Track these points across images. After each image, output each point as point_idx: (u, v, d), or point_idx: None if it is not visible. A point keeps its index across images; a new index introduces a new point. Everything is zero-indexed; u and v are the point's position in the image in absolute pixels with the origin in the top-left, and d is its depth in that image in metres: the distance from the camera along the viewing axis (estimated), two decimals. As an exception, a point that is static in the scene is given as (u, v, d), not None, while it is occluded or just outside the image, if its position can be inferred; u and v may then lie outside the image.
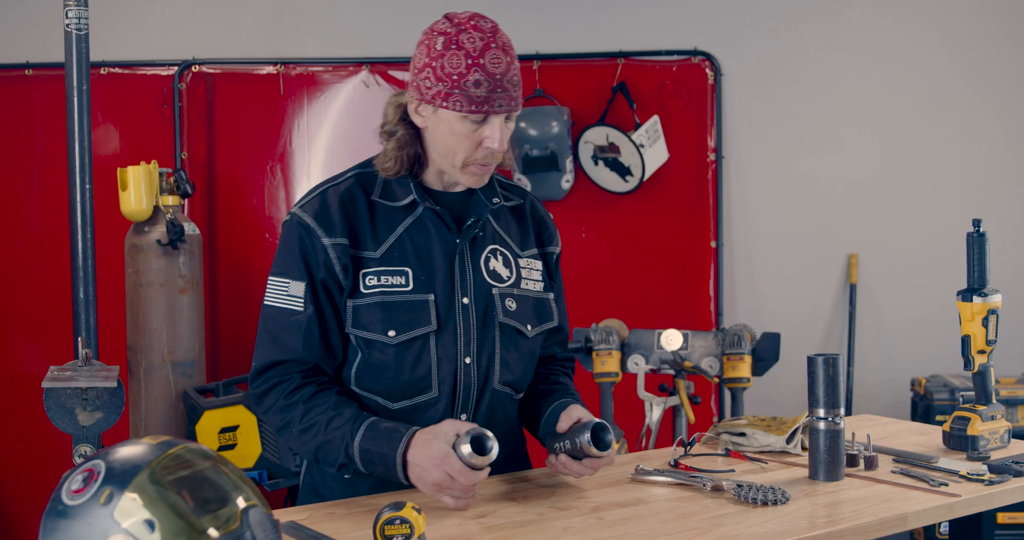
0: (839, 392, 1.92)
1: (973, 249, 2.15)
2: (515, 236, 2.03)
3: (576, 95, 4.38)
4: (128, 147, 4.33)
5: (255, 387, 1.91)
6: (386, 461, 1.79)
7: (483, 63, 1.82)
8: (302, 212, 1.91)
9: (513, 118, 1.90)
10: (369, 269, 1.89)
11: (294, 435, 1.87)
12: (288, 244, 1.92)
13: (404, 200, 1.93)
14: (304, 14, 4.45)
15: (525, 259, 2.02)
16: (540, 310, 2.02)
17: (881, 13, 4.50)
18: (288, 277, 1.91)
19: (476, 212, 1.96)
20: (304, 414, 1.85)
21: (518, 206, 2.06)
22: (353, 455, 1.81)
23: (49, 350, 4.19)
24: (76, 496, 1.25)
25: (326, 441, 1.83)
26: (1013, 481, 1.92)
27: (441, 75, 1.83)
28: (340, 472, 1.88)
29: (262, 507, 1.30)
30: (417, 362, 1.88)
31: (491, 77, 1.82)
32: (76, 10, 3.02)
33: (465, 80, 1.81)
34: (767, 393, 4.31)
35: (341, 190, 1.93)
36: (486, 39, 1.84)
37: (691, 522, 1.68)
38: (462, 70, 1.82)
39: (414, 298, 1.88)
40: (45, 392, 2.81)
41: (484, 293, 1.93)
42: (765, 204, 4.51)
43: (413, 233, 1.92)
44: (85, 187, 3.07)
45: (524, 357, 1.99)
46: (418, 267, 1.90)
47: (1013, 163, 4.54)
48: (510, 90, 1.85)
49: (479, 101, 1.82)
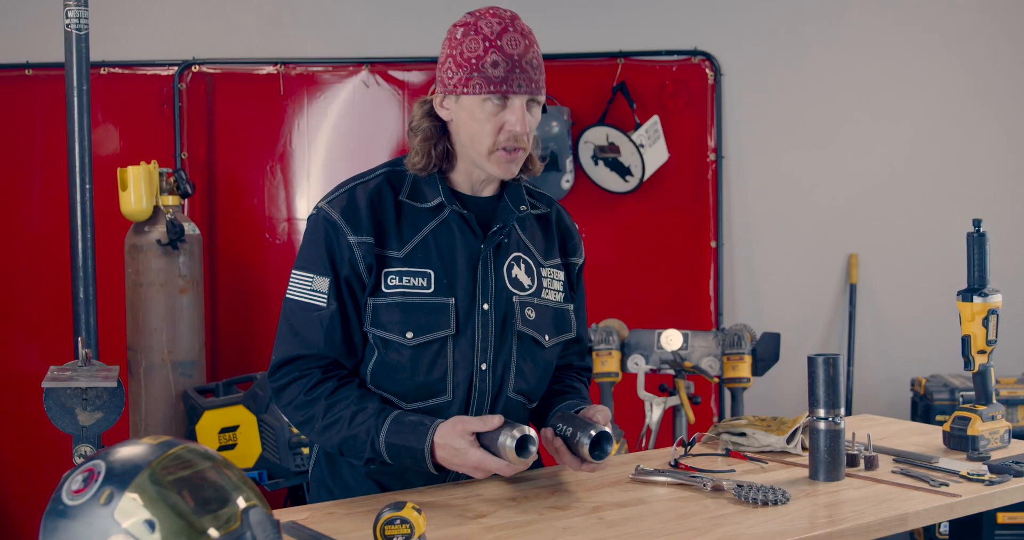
0: (839, 392, 1.92)
1: (973, 249, 2.15)
2: (539, 245, 2.02)
3: (576, 95, 4.38)
4: (128, 147, 4.33)
5: (275, 381, 1.91)
6: (414, 453, 1.82)
7: (500, 45, 1.83)
8: (330, 207, 1.91)
9: (538, 106, 1.90)
10: (392, 269, 1.88)
11: (316, 431, 1.88)
12: (314, 239, 1.91)
13: (432, 202, 1.92)
14: (304, 14, 4.45)
15: (548, 269, 2.01)
16: (559, 321, 2.01)
17: (881, 13, 4.50)
18: (312, 272, 1.90)
19: (502, 218, 1.95)
20: (327, 410, 1.86)
21: (544, 215, 2.06)
22: (380, 450, 1.83)
23: (49, 350, 4.19)
24: (76, 496, 1.25)
25: (351, 436, 1.84)
26: (1013, 481, 1.92)
27: (461, 61, 1.85)
28: (367, 465, 1.89)
29: (262, 507, 1.30)
30: (433, 365, 1.88)
31: (508, 58, 1.83)
32: (76, 10, 3.02)
33: (483, 62, 1.83)
34: (767, 393, 4.31)
35: (370, 188, 1.92)
36: (504, 23, 1.86)
37: (691, 522, 1.68)
38: (480, 53, 1.83)
39: (434, 301, 1.88)
40: (45, 392, 2.81)
41: (505, 300, 1.93)
42: (765, 204, 4.51)
43: (438, 235, 1.91)
44: (85, 187, 3.07)
45: (540, 367, 1.98)
46: (440, 270, 1.90)
47: (1013, 163, 4.53)
48: (530, 72, 1.85)
49: (497, 81, 1.83)
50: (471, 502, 1.81)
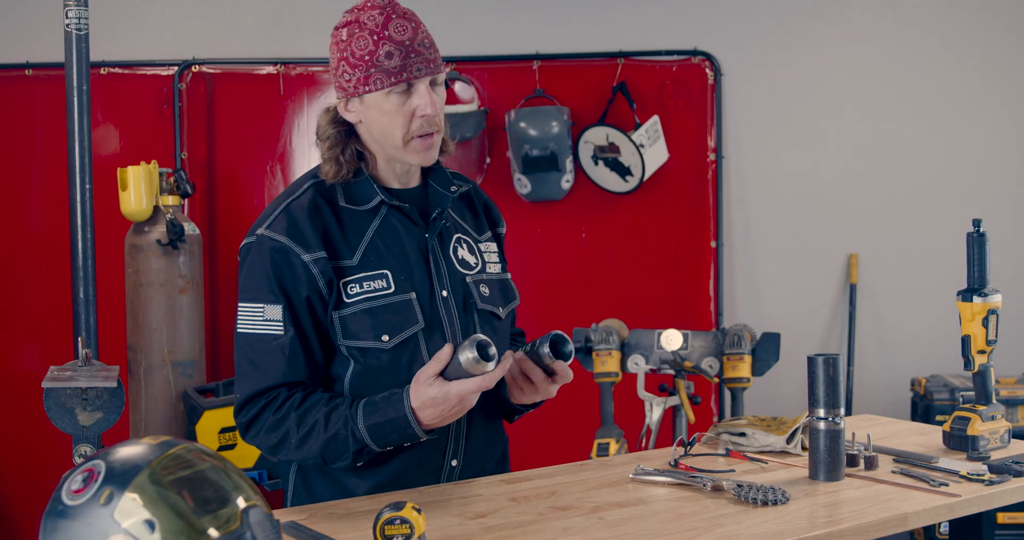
0: (839, 392, 1.92)
1: (973, 249, 2.15)
2: (470, 222, 2.06)
3: (576, 95, 4.38)
4: (128, 147, 4.33)
5: (243, 416, 1.86)
6: (398, 424, 1.79)
7: (388, 34, 1.83)
8: (272, 232, 1.86)
9: (441, 82, 1.89)
10: (349, 277, 1.86)
11: (294, 446, 1.82)
12: (258, 268, 1.86)
13: (370, 202, 1.91)
14: (304, 14, 4.45)
15: (483, 243, 2.05)
16: (505, 291, 2.05)
17: (881, 13, 4.50)
18: (262, 301, 1.85)
19: (438, 203, 1.97)
20: (299, 421, 1.82)
21: (466, 193, 2.09)
22: (363, 437, 1.79)
23: (49, 350, 4.19)
24: (76, 496, 1.25)
25: (330, 437, 1.80)
26: (1013, 481, 1.92)
27: (354, 61, 1.84)
28: (355, 462, 1.84)
29: (262, 507, 1.30)
30: (412, 361, 1.88)
31: (400, 45, 1.83)
32: (76, 10, 3.02)
33: (376, 56, 1.82)
34: (767, 393, 4.31)
35: (304, 203, 1.89)
36: (385, 13, 1.84)
37: (691, 522, 1.68)
38: (371, 48, 1.82)
39: (398, 299, 1.88)
40: (45, 392, 2.81)
41: (459, 283, 1.95)
42: (765, 204, 4.51)
43: (383, 234, 1.91)
44: (85, 187, 3.07)
45: (501, 339, 2.01)
46: (395, 268, 1.89)
47: (1013, 163, 4.53)
48: (424, 53, 1.85)
49: (396, 71, 1.82)
50: (471, 502, 1.81)
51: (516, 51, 4.42)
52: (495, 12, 4.44)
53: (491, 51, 4.43)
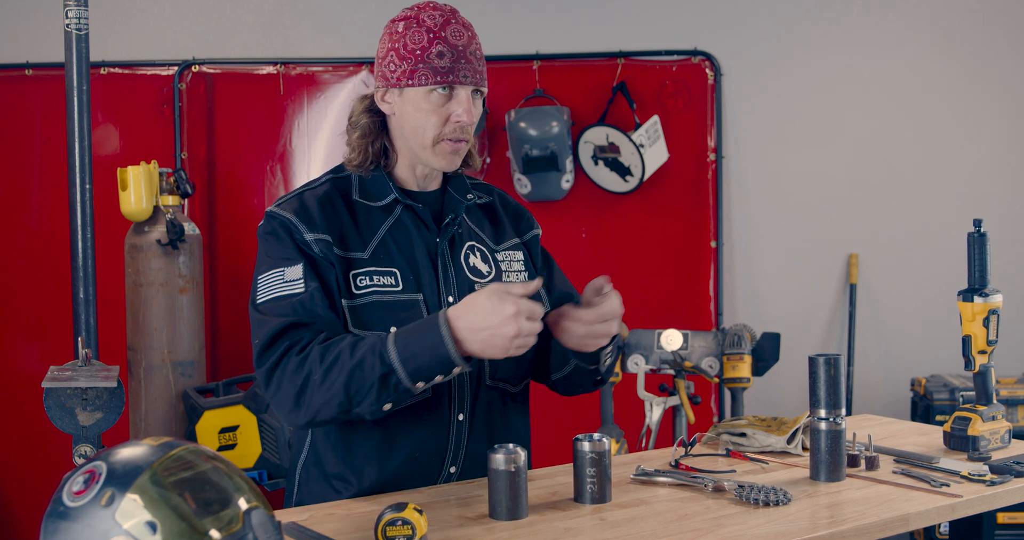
0: (840, 392, 1.92)
1: (973, 249, 2.15)
2: (488, 232, 2.04)
3: (576, 95, 4.38)
4: (128, 147, 4.33)
5: (264, 360, 1.77)
6: (431, 341, 1.67)
7: (444, 36, 1.84)
8: (281, 210, 1.88)
9: (481, 98, 1.91)
10: (360, 270, 1.87)
11: (317, 382, 1.72)
12: (271, 242, 1.87)
13: (384, 200, 1.93)
14: (304, 14, 4.45)
15: (503, 253, 2.03)
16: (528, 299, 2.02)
17: (881, 13, 4.50)
18: (281, 266, 1.83)
19: (452, 209, 1.97)
20: (323, 354, 1.72)
21: (487, 204, 2.08)
22: (391, 358, 1.68)
23: (49, 350, 4.19)
24: (77, 498, 1.25)
25: (356, 364, 1.70)
26: (1014, 481, 1.92)
27: (404, 53, 1.85)
28: (380, 403, 1.72)
29: (264, 508, 1.30)
30: None
31: (453, 48, 1.84)
32: (76, 10, 3.02)
33: (428, 53, 1.83)
34: (767, 393, 4.31)
35: (319, 194, 1.91)
36: (446, 16, 1.87)
37: (693, 523, 1.68)
38: (424, 44, 1.84)
39: (405, 298, 1.88)
40: (45, 392, 2.81)
41: (468, 290, 1.93)
42: (765, 204, 4.51)
43: (395, 233, 1.92)
44: (85, 187, 3.07)
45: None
46: (404, 267, 1.89)
47: (1013, 163, 4.54)
48: (474, 63, 1.86)
49: (444, 71, 1.83)
50: (472, 503, 1.80)
51: (516, 51, 4.42)
52: (495, 12, 4.44)
53: (491, 51, 4.37)
